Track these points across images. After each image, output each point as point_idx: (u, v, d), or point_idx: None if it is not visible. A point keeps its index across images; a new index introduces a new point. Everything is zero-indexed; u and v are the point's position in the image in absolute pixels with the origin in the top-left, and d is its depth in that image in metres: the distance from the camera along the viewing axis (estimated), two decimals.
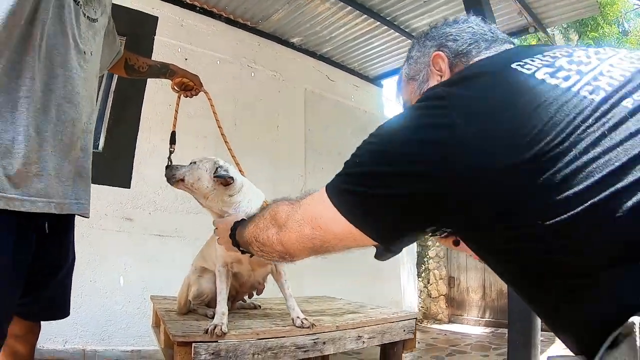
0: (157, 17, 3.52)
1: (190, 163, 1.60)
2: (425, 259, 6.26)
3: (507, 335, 2.47)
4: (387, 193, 0.69)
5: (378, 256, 0.84)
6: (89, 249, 2.93)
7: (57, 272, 1.38)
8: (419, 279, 6.23)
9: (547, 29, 4.09)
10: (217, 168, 1.51)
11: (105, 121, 3.30)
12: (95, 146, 3.16)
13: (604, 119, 0.58)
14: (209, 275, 1.78)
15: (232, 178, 1.49)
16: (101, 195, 3.02)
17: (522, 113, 0.61)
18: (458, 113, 0.64)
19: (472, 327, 5.45)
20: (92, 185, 1.33)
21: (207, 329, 1.40)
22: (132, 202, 3.23)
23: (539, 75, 0.65)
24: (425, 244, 6.17)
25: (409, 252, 5.73)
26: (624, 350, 0.48)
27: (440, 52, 0.90)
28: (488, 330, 5.23)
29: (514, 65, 0.68)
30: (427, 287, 6.22)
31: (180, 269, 3.23)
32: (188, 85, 1.86)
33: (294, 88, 4.35)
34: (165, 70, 1.85)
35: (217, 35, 3.86)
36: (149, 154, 3.32)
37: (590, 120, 0.58)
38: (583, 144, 0.57)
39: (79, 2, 1.23)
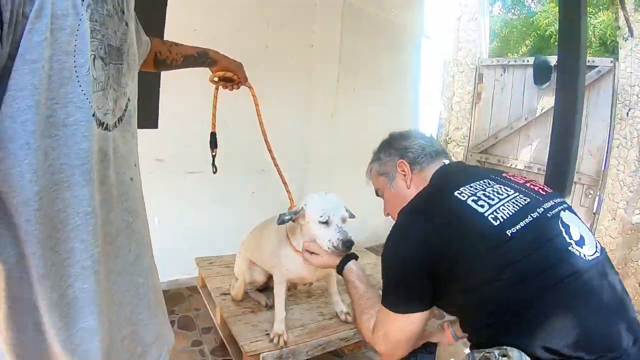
0: None
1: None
2: None
3: None
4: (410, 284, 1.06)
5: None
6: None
7: None
8: None
9: None
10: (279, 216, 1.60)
11: None
12: None
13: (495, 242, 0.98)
14: (259, 268, 1.98)
15: (290, 217, 1.59)
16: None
17: (456, 236, 1.00)
18: (417, 241, 1.05)
19: None
20: None
21: (272, 339, 1.67)
22: (161, 142, 3.19)
23: (469, 202, 1.03)
24: None
25: None
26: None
27: (403, 160, 1.27)
28: None
29: (455, 193, 1.06)
30: None
31: (213, 203, 3.37)
32: (230, 77, 1.63)
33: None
34: (204, 59, 1.54)
35: None
36: (175, 90, 3.03)
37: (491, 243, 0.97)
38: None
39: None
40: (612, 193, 3.54)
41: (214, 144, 1.78)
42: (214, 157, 1.78)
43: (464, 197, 1.04)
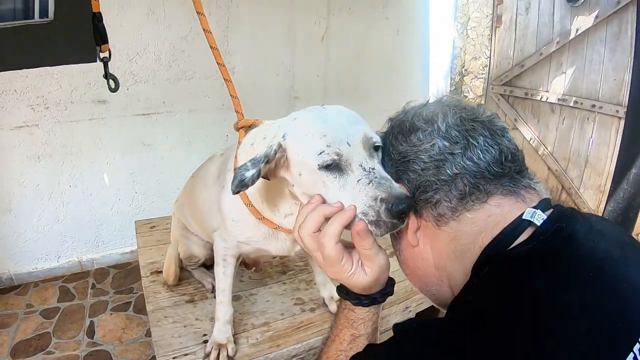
0: None
1: None
2: None
3: None
4: None
5: None
6: (60, 149, 2.41)
7: None
8: None
9: None
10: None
11: None
12: (43, 13, 2.30)
13: None
14: (197, 239, 1.29)
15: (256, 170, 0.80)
16: (61, 78, 2.34)
17: None
18: None
19: None
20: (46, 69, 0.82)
21: (207, 353, 0.98)
22: (102, 78, 2.49)
23: None
24: None
25: None
26: None
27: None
28: None
29: None
30: None
31: (174, 150, 2.73)
32: None
33: None
34: None
35: None
36: (116, 11, 2.41)
37: None
38: None
39: None
40: None
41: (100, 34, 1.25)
42: (105, 62, 1.28)
43: None
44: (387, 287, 0.77)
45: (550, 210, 0.61)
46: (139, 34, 2.44)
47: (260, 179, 0.79)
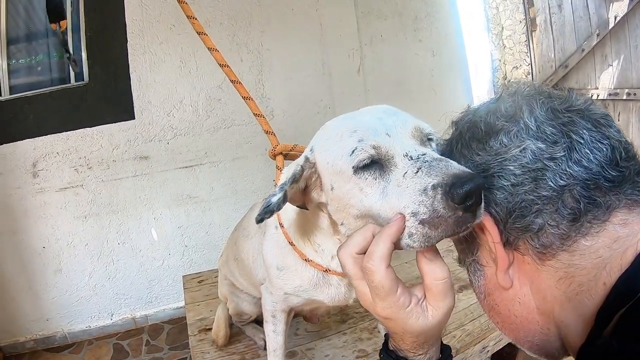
0: None
1: None
2: None
3: None
4: None
5: None
6: (106, 208, 2.45)
7: None
8: None
9: None
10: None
11: (83, 35, 2.39)
12: (79, 77, 2.42)
13: None
14: (246, 295, 1.19)
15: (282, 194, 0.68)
16: (101, 138, 2.41)
17: None
18: None
19: None
20: (85, 130, 0.79)
21: None
22: (142, 135, 2.55)
23: None
24: None
25: None
26: None
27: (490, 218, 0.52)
28: None
29: None
30: None
31: (220, 200, 2.72)
32: None
33: None
34: None
35: None
36: (148, 67, 2.50)
37: None
38: None
39: None
40: None
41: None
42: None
43: None
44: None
45: None
46: (173, 87, 2.50)
47: (299, 211, 0.67)
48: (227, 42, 2.56)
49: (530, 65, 3.96)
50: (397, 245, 0.53)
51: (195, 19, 1.03)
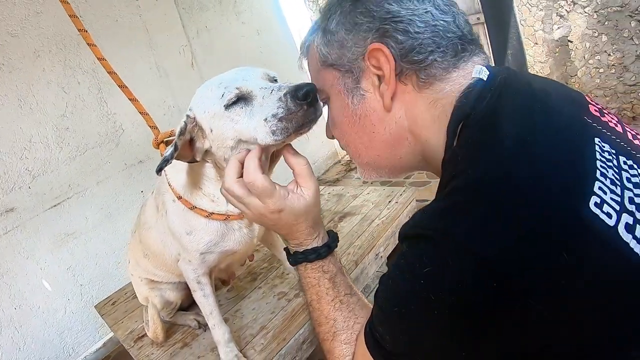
0: None
1: None
2: None
3: None
4: None
5: None
6: None
7: None
8: None
9: None
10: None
11: None
12: None
13: None
14: (166, 285, 1.29)
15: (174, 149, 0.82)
16: None
17: None
18: None
19: None
20: None
21: None
22: (0, 187, 2.32)
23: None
24: None
25: None
26: None
27: (383, 46, 0.62)
28: None
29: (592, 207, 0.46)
30: None
31: (99, 227, 2.58)
32: None
33: None
34: None
35: None
36: None
37: None
38: None
39: None
40: (523, 19, 3.25)
41: None
42: None
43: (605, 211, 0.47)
44: (329, 241, 0.77)
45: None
46: (18, 128, 2.32)
47: (188, 172, 0.88)
48: (60, 68, 2.44)
49: None
50: (265, 151, 0.77)
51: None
